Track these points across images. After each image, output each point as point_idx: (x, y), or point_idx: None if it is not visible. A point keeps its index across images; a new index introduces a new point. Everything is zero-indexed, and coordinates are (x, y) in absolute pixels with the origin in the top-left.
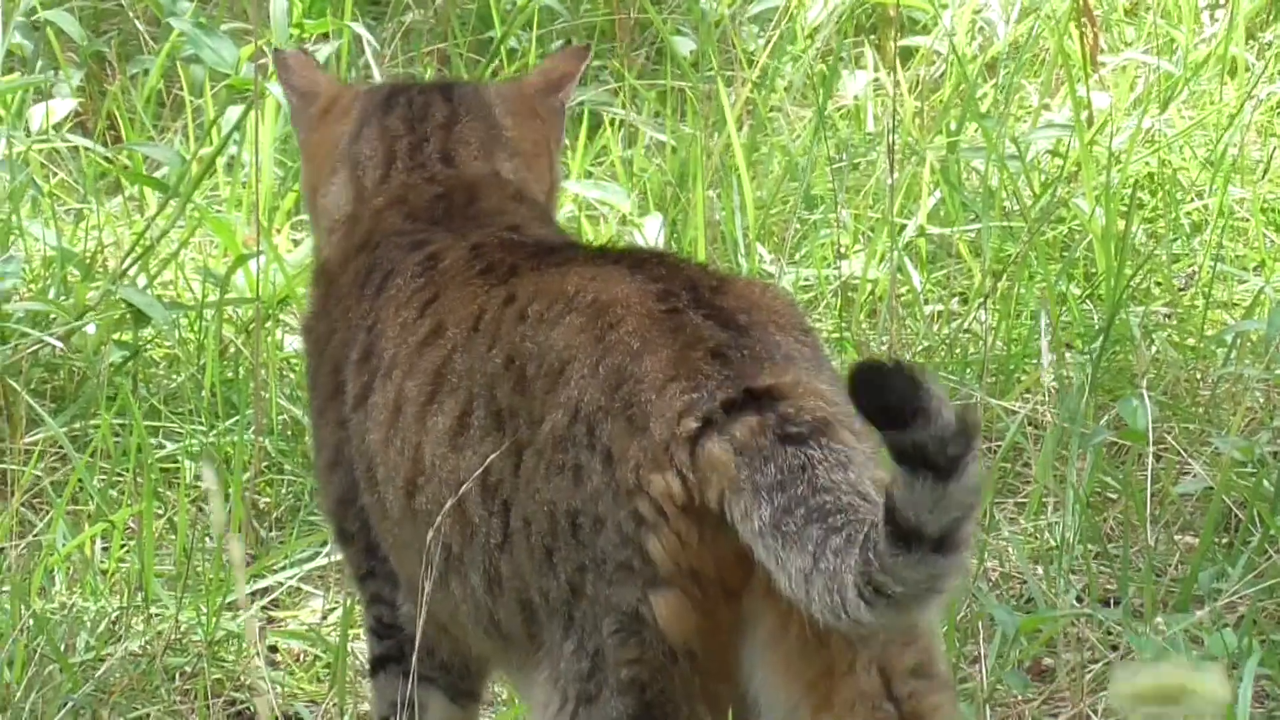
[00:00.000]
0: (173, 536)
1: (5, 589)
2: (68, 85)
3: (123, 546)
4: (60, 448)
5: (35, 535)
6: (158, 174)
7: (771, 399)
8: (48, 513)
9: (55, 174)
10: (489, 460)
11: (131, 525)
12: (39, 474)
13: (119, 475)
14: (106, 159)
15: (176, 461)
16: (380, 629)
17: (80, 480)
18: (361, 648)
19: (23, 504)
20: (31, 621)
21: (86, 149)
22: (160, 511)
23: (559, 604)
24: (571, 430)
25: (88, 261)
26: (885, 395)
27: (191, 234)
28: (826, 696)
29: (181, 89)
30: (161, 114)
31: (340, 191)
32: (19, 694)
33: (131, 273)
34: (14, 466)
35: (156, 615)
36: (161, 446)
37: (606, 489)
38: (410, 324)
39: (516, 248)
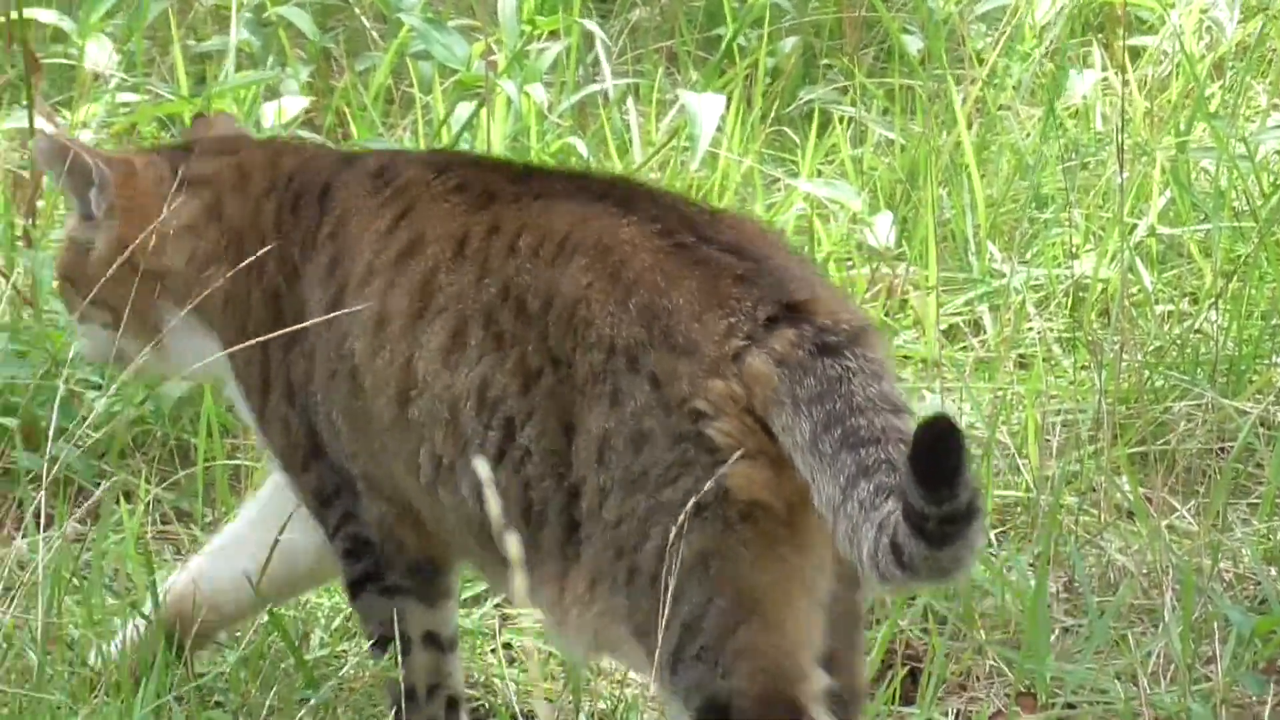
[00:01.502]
0: None
1: None
2: (296, 82)
3: None
4: None
5: None
6: None
7: (806, 313)
8: None
9: None
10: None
11: None
12: None
13: None
14: None
15: None
16: (355, 547)
17: None
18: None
19: None
20: (266, 618)
21: None
22: None
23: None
24: (610, 364)
25: None
26: (949, 456)
27: None
28: None
29: (410, 85)
30: (390, 110)
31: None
32: (256, 692)
33: None
34: (247, 462)
35: None
36: None
37: (655, 406)
38: (384, 235)
39: (482, 167)
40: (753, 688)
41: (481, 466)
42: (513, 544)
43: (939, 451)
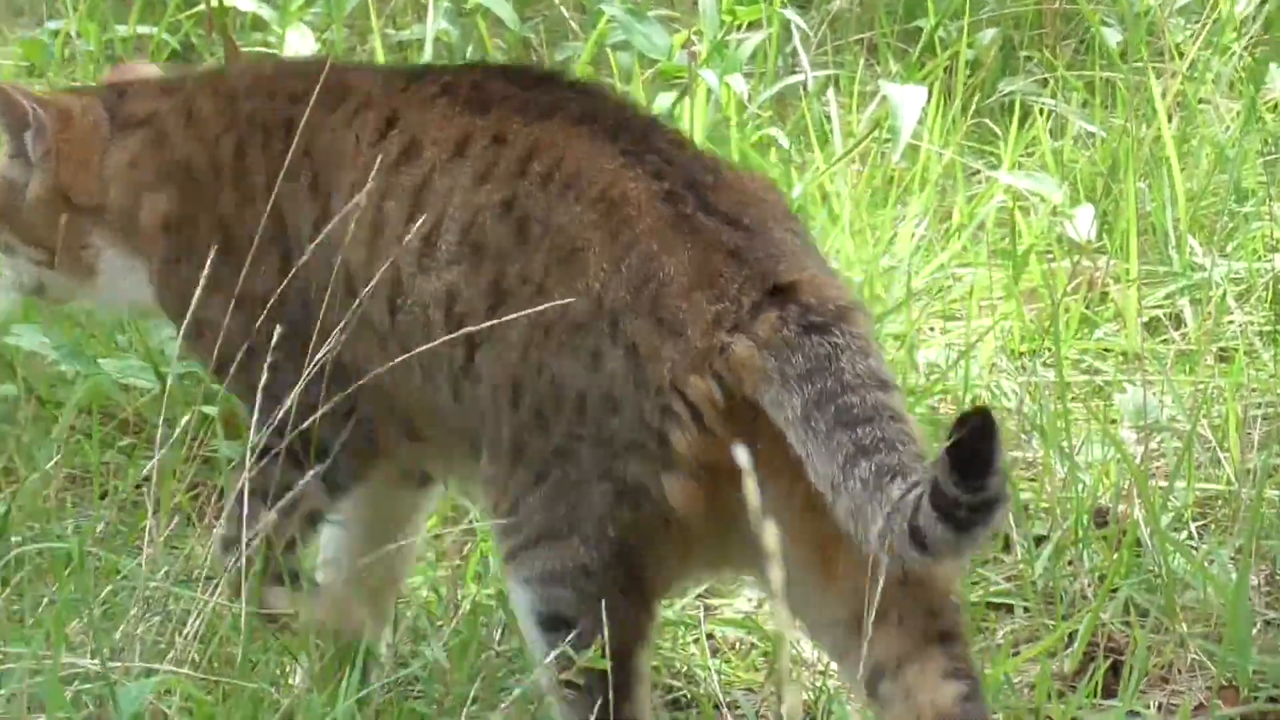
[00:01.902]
0: None
1: (442, 574)
2: None
3: None
4: None
5: (470, 522)
6: None
7: (793, 294)
8: None
9: None
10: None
11: None
12: None
13: None
14: None
15: None
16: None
17: None
18: (799, 636)
19: None
20: (469, 607)
21: None
22: None
23: (537, 456)
24: (594, 321)
25: None
26: (988, 447)
27: None
28: (832, 558)
29: (609, 75)
30: None
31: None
32: (461, 682)
33: None
34: None
35: None
36: None
37: (629, 378)
38: (374, 145)
39: (458, 71)
40: (604, 635)
41: (741, 454)
42: (770, 535)
43: (979, 443)
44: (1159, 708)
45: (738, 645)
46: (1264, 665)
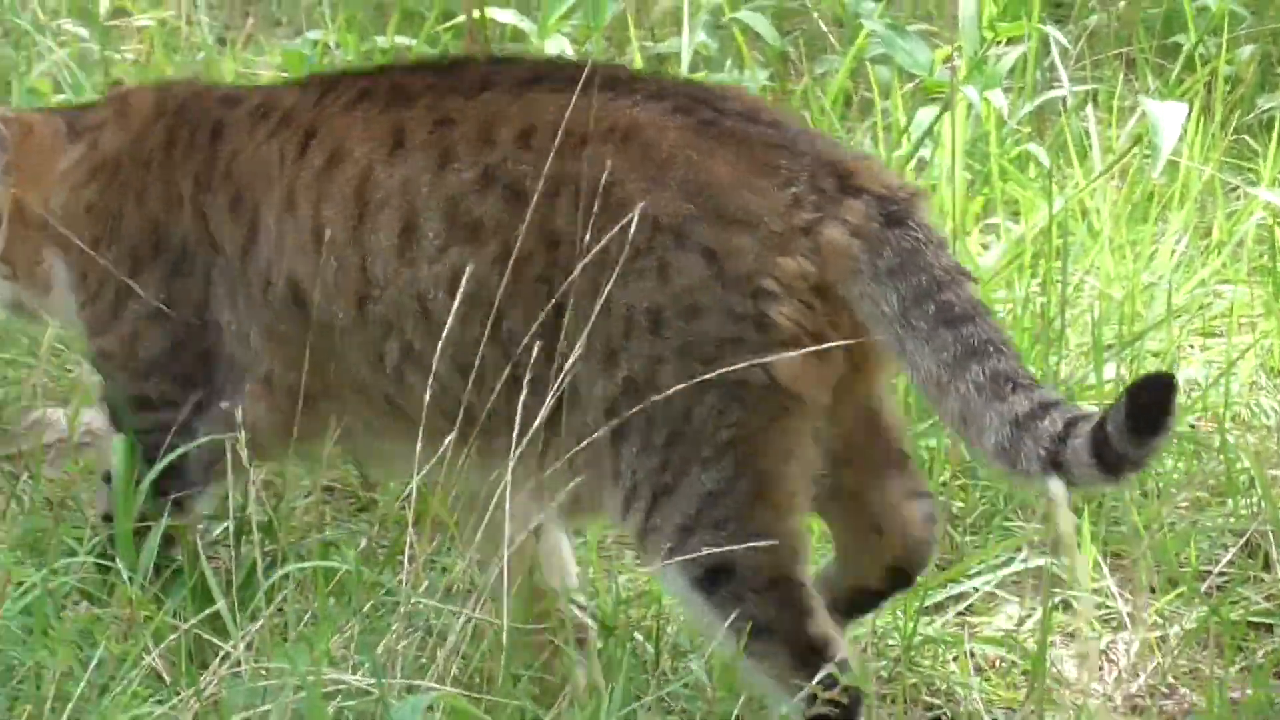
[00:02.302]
0: None
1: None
2: (753, 84)
3: None
4: None
5: None
6: None
7: (862, 181)
8: None
9: None
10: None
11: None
12: None
13: None
14: None
15: None
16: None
17: None
18: (1060, 654)
19: None
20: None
21: None
22: None
23: (606, 398)
24: (654, 240)
25: None
26: (1166, 411)
27: None
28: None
29: (868, 89)
30: (848, 114)
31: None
32: (724, 699)
33: None
34: None
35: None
36: None
37: (712, 280)
38: (295, 160)
39: (367, 74)
40: (759, 562)
41: (1055, 487)
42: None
43: (1159, 402)
44: None
45: (998, 663)
46: None
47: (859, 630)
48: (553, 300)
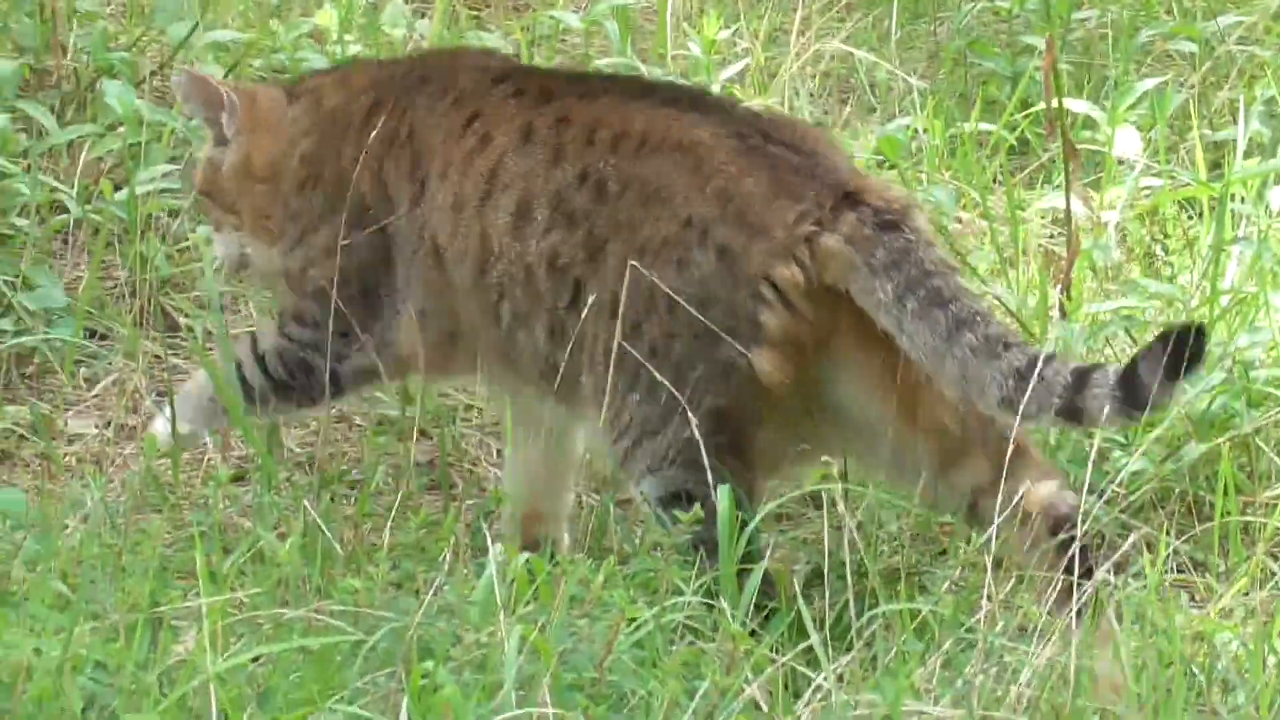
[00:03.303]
0: None
1: (1249, 630)
2: None
3: None
4: None
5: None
6: None
7: (863, 198)
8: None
9: None
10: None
11: None
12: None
13: None
14: None
15: None
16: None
17: None
18: None
19: (1266, 553)
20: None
21: None
22: None
23: (632, 360)
24: (684, 234)
25: None
26: (1199, 349)
27: None
28: (912, 411)
29: None
30: None
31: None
32: None
33: None
34: (1257, 519)
35: None
36: None
37: (725, 275)
38: (456, 137)
39: (535, 73)
40: (714, 494)
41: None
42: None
43: (1192, 351)
44: None
45: None
46: None
47: None
48: (624, 280)
